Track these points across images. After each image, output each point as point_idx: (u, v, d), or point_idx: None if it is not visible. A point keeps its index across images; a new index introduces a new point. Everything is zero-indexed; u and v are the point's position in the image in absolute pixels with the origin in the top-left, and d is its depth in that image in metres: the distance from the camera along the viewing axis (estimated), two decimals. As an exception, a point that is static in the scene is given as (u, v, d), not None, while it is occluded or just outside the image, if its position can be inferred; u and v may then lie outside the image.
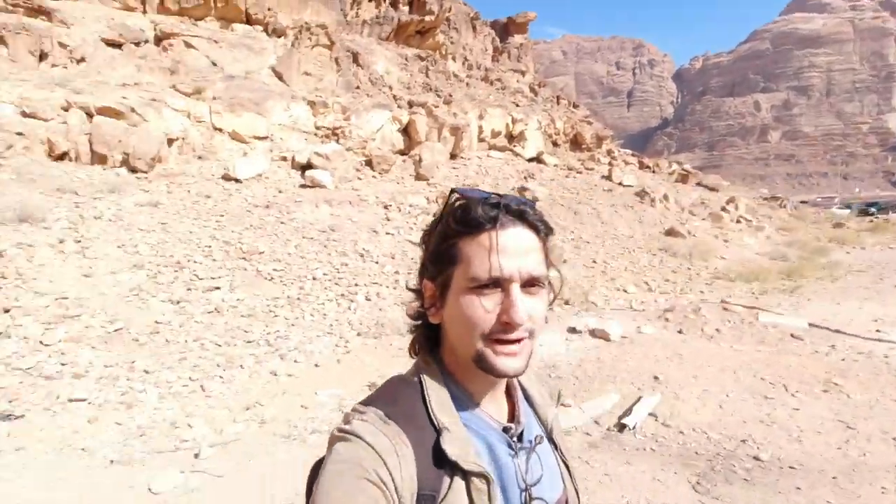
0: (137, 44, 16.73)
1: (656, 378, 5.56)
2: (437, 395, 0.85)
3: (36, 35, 14.12)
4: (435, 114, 18.09)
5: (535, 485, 0.87)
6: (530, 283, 0.80)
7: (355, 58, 20.32)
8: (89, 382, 5.05)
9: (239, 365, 5.93)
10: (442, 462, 0.78)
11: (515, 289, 0.78)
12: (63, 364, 5.33)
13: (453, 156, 18.15)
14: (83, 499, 3.30)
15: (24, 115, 11.41)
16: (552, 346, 6.46)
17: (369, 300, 8.46)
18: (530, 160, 19.64)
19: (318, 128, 16.81)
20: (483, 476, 0.79)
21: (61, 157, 11.53)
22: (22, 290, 6.49)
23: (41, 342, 5.64)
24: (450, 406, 0.85)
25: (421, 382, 0.87)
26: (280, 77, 18.16)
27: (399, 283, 9.33)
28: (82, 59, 14.90)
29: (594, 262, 11.76)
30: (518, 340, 0.79)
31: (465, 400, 0.88)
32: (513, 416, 0.94)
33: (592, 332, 6.60)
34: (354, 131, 17.09)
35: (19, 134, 11.17)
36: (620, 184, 18.30)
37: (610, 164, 20.63)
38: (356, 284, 8.88)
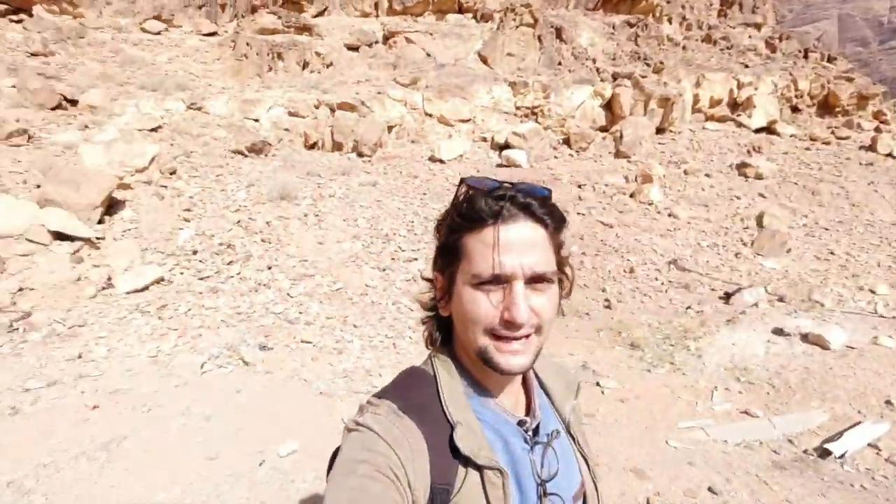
0: (370, 45, 19.40)
1: (889, 403, 4.50)
2: (451, 389, 0.84)
3: (301, 48, 17.53)
4: (642, 85, 16.73)
5: (550, 479, 0.84)
6: (536, 280, 0.77)
7: (558, 33, 19.95)
8: (315, 329, 6.39)
9: (425, 329, 6.74)
10: (456, 455, 0.77)
11: (518, 286, 0.75)
12: (300, 313, 6.82)
13: (661, 130, 16.60)
14: (297, 414, 4.34)
15: (290, 114, 14.38)
16: (748, 346, 5.66)
17: (551, 280, 8.57)
18: (758, 131, 16.69)
19: (517, 108, 17.18)
20: (498, 470, 0.78)
21: (313, 146, 14.25)
22: (279, 253, 8.42)
23: (288, 294, 7.29)
24: (463, 399, 0.84)
25: (435, 375, 0.87)
26: (485, 61, 18.99)
27: (584, 264, 9.22)
28: (330, 64, 17.97)
29: (831, 253, 9.59)
30: (523, 337, 0.78)
31: (479, 393, 0.86)
32: (529, 410, 0.92)
33: (805, 337, 5.55)
34: (553, 109, 16.96)
35: (286, 129, 14.18)
36: (890, 155, 14.26)
37: (876, 129, 16.20)
38: (539, 264, 9.05)
